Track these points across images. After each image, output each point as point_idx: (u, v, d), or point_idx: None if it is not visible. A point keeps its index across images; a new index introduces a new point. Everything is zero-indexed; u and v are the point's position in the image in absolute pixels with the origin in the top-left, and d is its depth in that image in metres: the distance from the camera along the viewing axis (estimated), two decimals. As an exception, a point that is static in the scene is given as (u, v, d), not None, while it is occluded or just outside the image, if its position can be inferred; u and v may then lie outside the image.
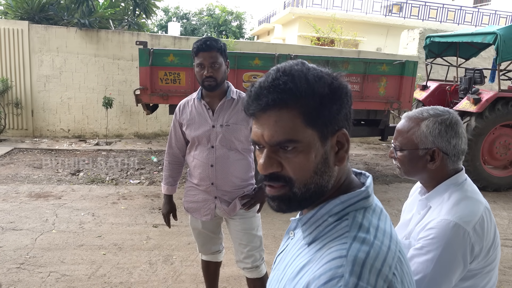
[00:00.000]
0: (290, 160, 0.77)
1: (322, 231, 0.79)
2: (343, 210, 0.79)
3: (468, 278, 1.32)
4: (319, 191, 0.80)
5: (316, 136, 0.76)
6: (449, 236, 1.24)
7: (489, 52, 8.82)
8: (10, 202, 4.76)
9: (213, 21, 25.03)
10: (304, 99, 0.75)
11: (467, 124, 6.10)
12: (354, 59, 6.06)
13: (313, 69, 0.78)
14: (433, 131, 1.35)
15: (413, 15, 19.76)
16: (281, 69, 0.77)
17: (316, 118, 0.76)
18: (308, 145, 0.76)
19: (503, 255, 4.07)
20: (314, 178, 0.78)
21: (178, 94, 5.30)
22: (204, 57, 2.13)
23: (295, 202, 0.80)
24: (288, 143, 0.76)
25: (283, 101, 0.74)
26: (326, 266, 0.70)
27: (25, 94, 8.25)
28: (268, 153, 0.78)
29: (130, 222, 4.38)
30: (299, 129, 0.75)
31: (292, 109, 0.75)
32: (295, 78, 0.75)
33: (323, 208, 0.80)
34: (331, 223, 0.79)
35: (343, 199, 0.80)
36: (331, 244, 0.75)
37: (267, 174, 0.79)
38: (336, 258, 0.70)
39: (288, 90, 0.74)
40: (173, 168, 2.47)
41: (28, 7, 8.34)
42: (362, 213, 0.79)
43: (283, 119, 0.75)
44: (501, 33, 5.74)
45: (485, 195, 5.51)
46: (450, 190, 1.36)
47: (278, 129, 0.75)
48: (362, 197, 0.81)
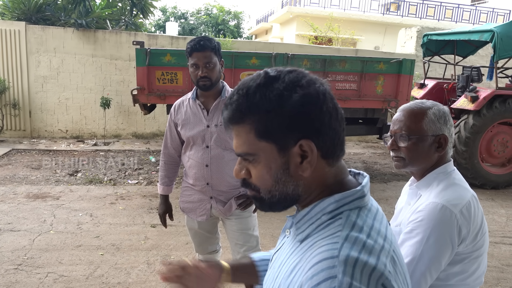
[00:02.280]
0: (253, 170, 0.82)
1: (315, 229, 0.79)
2: (337, 208, 0.79)
3: (457, 263, 1.35)
4: (287, 198, 0.82)
5: (273, 147, 0.78)
6: (437, 218, 1.28)
7: (487, 50, 8.82)
8: (8, 203, 4.75)
9: (211, 20, 25.01)
10: (253, 115, 0.77)
11: (464, 122, 6.11)
12: (351, 57, 6.06)
13: (269, 80, 0.77)
14: (440, 119, 1.40)
15: (410, 14, 19.77)
16: (240, 84, 0.80)
17: (268, 131, 0.77)
18: (265, 157, 0.79)
19: (501, 252, 4.08)
20: (276, 186, 0.81)
21: (175, 94, 5.30)
22: (198, 57, 2.12)
23: (266, 205, 0.84)
24: (246, 156, 0.81)
25: (236, 118, 0.79)
26: (318, 267, 0.70)
27: (23, 95, 8.23)
28: (239, 160, 0.84)
29: (128, 222, 4.38)
30: (253, 142, 0.78)
31: (245, 125, 0.78)
32: (248, 94, 0.77)
33: (317, 206, 0.81)
34: (325, 221, 0.79)
35: (337, 197, 0.80)
36: (321, 242, 0.75)
37: (239, 179, 0.85)
38: (327, 258, 0.70)
39: (239, 107, 0.78)
40: (169, 168, 2.47)
41: (25, 7, 8.32)
42: (357, 213, 0.78)
43: (240, 134, 0.80)
44: (498, 30, 5.74)
45: (483, 192, 5.53)
46: (438, 178, 1.41)
47: (238, 143, 0.81)
48: (357, 196, 0.80)
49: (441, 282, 1.36)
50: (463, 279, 1.37)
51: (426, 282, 1.30)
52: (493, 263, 3.81)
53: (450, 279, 1.36)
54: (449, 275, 1.35)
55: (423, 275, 1.29)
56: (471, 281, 1.39)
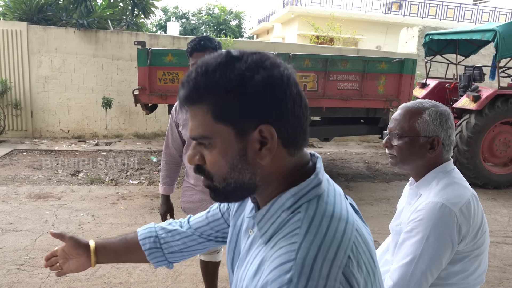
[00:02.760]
0: (207, 155, 0.76)
1: (276, 227, 0.76)
2: (295, 203, 0.75)
3: (457, 261, 1.35)
4: (244, 187, 0.77)
5: (230, 131, 0.73)
6: (437, 216, 1.29)
7: (489, 49, 8.80)
8: (10, 203, 4.76)
9: (212, 20, 25.01)
10: (212, 95, 0.72)
11: (466, 121, 6.09)
12: (353, 57, 6.05)
13: (231, 60, 0.73)
14: (435, 120, 1.40)
15: (412, 13, 19.73)
16: (199, 63, 0.76)
17: (226, 114, 0.72)
18: (221, 141, 0.74)
19: (504, 252, 4.07)
20: (231, 173, 0.75)
21: (176, 94, 5.28)
22: (199, 57, 2.12)
23: (221, 195, 0.79)
24: (201, 139, 0.75)
25: (194, 97, 0.74)
26: (275, 272, 0.68)
27: (24, 95, 8.25)
28: (194, 145, 0.79)
29: (130, 222, 4.38)
30: (210, 124, 0.73)
31: (202, 105, 0.73)
32: (207, 71, 0.73)
33: (276, 203, 0.77)
34: (285, 219, 0.75)
35: (293, 191, 0.76)
36: (281, 243, 0.72)
37: (193, 165, 0.79)
38: (285, 262, 0.68)
39: (197, 85, 0.73)
40: (170, 168, 2.47)
41: (26, 8, 8.33)
42: (315, 203, 0.75)
43: (197, 115, 0.74)
44: (501, 30, 5.72)
45: (485, 192, 5.51)
46: (438, 177, 1.41)
47: (194, 125, 0.75)
48: (313, 185, 0.77)
49: (442, 281, 1.36)
50: (464, 277, 1.37)
51: (427, 281, 1.30)
52: (495, 263, 3.80)
53: (450, 278, 1.36)
54: (449, 274, 1.35)
55: (424, 274, 1.29)
56: (472, 280, 1.39)
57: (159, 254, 1.13)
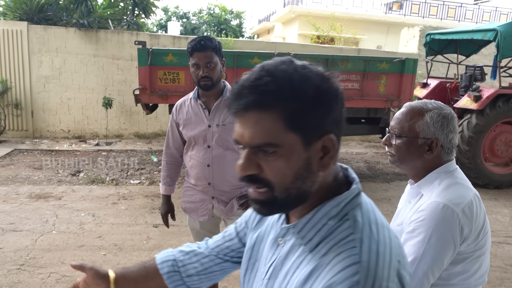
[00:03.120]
0: (270, 164, 0.74)
1: (324, 235, 0.77)
2: (341, 211, 0.78)
3: (459, 262, 1.34)
4: (301, 196, 0.77)
5: (298, 140, 0.73)
6: (439, 217, 1.28)
7: (490, 49, 8.78)
8: (10, 203, 4.76)
9: (213, 20, 25.01)
10: (287, 102, 0.70)
11: (467, 121, 6.08)
12: (353, 57, 6.04)
13: (301, 68, 0.73)
14: (436, 123, 1.39)
15: (413, 13, 19.72)
16: (265, 67, 0.73)
17: (299, 123, 0.72)
18: (289, 149, 0.72)
19: (505, 252, 4.06)
20: (295, 183, 0.75)
21: (177, 93, 5.30)
22: (199, 57, 2.11)
23: (276, 206, 0.77)
24: (267, 147, 0.72)
25: (264, 103, 0.71)
26: (341, 275, 0.70)
27: (25, 95, 8.25)
28: (248, 154, 0.75)
29: (131, 222, 4.38)
30: (280, 132, 0.71)
31: (273, 112, 0.71)
32: (278, 79, 0.71)
33: (320, 212, 0.79)
34: (332, 226, 0.77)
35: (339, 200, 0.78)
36: (338, 249, 0.74)
37: (245, 175, 0.76)
38: (350, 265, 0.70)
39: (269, 92, 0.70)
40: (170, 168, 2.46)
41: (27, 7, 8.33)
42: (359, 211, 0.78)
43: (263, 122, 0.71)
44: (502, 29, 5.71)
45: (486, 192, 5.48)
46: (440, 177, 1.40)
47: (258, 131, 0.72)
48: (355, 194, 0.80)
49: (443, 282, 1.36)
50: (465, 278, 1.36)
51: (428, 281, 1.30)
52: (496, 263, 3.80)
53: (452, 279, 1.35)
54: (451, 274, 1.35)
55: (425, 274, 1.29)
56: (473, 281, 1.38)
57: (177, 277, 1.09)
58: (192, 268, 1.09)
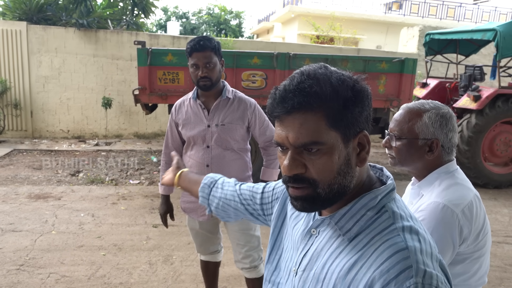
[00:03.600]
0: (314, 162, 0.79)
1: (363, 225, 0.82)
2: (378, 203, 0.83)
3: (458, 263, 1.35)
4: (341, 191, 0.82)
5: (339, 138, 0.79)
6: (439, 217, 1.28)
7: (489, 48, 8.79)
8: (10, 204, 4.75)
9: (212, 20, 25.01)
10: (329, 102, 0.77)
11: (467, 121, 6.08)
12: (353, 57, 6.04)
13: (335, 72, 0.80)
14: (434, 123, 1.39)
15: (413, 12, 19.73)
16: (305, 72, 0.79)
17: (340, 121, 0.78)
18: (331, 147, 0.78)
19: (504, 252, 4.06)
20: (337, 178, 0.80)
21: (177, 93, 5.29)
22: (198, 57, 2.11)
23: (318, 202, 0.82)
24: (312, 145, 0.78)
25: (308, 104, 0.77)
26: (392, 260, 0.74)
27: (24, 95, 8.24)
28: (292, 154, 0.80)
29: (130, 222, 4.38)
30: (323, 131, 0.78)
31: (317, 112, 0.77)
32: (320, 81, 0.77)
33: (358, 203, 0.83)
34: (372, 217, 0.82)
35: (377, 193, 0.83)
36: (382, 238, 0.78)
37: (291, 175, 0.81)
38: (399, 250, 0.75)
39: (313, 94, 0.76)
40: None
41: (26, 7, 8.33)
42: (395, 204, 0.84)
43: (308, 122, 0.77)
44: (501, 29, 5.71)
45: (486, 192, 5.48)
46: (440, 178, 1.40)
47: (303, 132, 0.78)
48: (391, 188, 0.85)
49: None
50: (465, 279, 1.36)
51: None
52: (496, 263, 3.80)
53: (452, 280, 1.35)
54: (450, 275, 1.34)
55: None
56: (473, 281, 1.38)
57: (206, 191, 1.29)
58: (218, 192, 1.27)
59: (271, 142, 2.37)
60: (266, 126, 2.34)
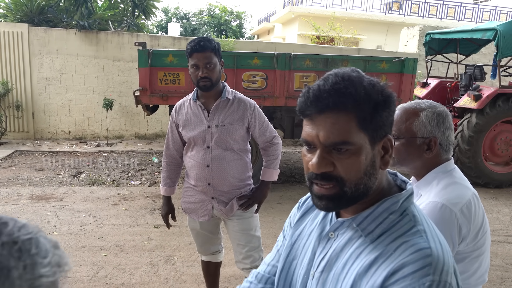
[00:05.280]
0: (343, 161, 0.81)
1: (386, 227, 0.84)
2: (400, 207, 0.86)
3: (458, 262, 1.35)
4: (366, 191, 0.85)
5: (367, 139, 0.82)
6: (437, 217, 1.29)
7: (490, 48, 8.79)
8: (12, 205, 4.77)
9: (213, 21, 25.02)
10: (362, 104, 0.80)
11: (468, 121, 6.09)
12: (353, 57, 6.04)
13: (366, 76, 0.84)
14: (431, 121, 1.40)
15: (413, 12, 19.71)
16: (339, 74, 0.82)
17: (369, 123, 0.81)
18: (360, 147, 0.81)
19: (506, 251, 4.06)
20: (363, 179, 0.83)
21: (177, 94, 5.30)
22: (198, 58, 2.12)
23: (343, 201, 0.84)
24: (342, 145, 0.80)
25: (342, 105, 0.79)
26: (414, 256, 0.77)
27: (26, 97, 8.27)
28: (321, 153, 0.82)
29: (131, 223, 4.39)
30: (354, 132, 0.80)
31: (349, 113, 0.80)
32: (354, 83, 0.80)
33: (380, 207, 0.86)
34: (394, 220, 0.84)
35: (399, 197, 0.86)
36: (405, 238, 0.81)
37: (319, 173, 0.83)
38: (422, 248, 0.77)
39: (348, 94, 0.79)
40: (171, 169, 2.47)
41: (27, 9, 8.35)
42: (414, 208, 0.87)
43: (340, 122, 0.80)
44: (501, 29, 5.71)
45: (487, 191, 5.47)
46: (438, 177, 1.41)
47: (335, 131, 0.80)
48: (410, 193, 0.88)
49: None
50: (465, 278, 1.37)
51: None
52: (497, 262, 3.80)
53: None
54: None
55: None
56: (473, 280, 1.38)
57: None
58: None
59: (270, 143, 2.38)
60: (265, 127, 2.35)
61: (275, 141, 2.38)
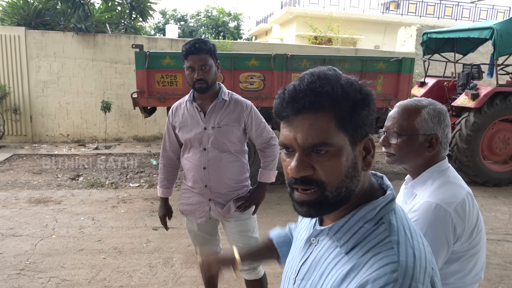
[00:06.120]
0: (323, 164, 0.77)
1: (360, 238, 0.80)
2: (377, 214, 0.81)
3: (453, 261, 1.35)
4: (348, 195, 0.80)
5: (347, 140, 0.78)
6: (432, 217, 1.28)
7: (487, 47, 8.80)
8: (10, 208, 4.76)
9: (211, 22, 25.02)
10: (339, 103, 0.76)
11: (465, 119, 6.09)
12: (351, 57, 6.05)
13: (343, 75, 0.80)
14: (433, 118, 1.39)
15: (410, 12, 19.74)
16: (315, 73, 0.78)
17: (349, 122, 0.77)
18: (340, 149, 0.77)
19: (504, 250, 4.06)
20: (345, 181, 0.78)
21: (175, 96, 5.30)
22: (194, 60, 2.12)
23: (325, 206, 0.80)
24: (321, 146, 0.76)
25: (319, 104, 0.75)
26: (380, 271, 0.72)
27: (23, 100, 8.25)
28: (300, 156, 0.78)
29: (130, 225, 4.38)
30: (333, 132, 0.76)
31: (327, 113, 0.76)
32: (331, 82, 0.76)
33: (356, 215, 0.82)
34: (369, 229, 0.80)
35: (375, 204, 0.82)
36: (376, 250, 0.77)
37: (298, 177, 0.78)
38: (389, 263, 0.73)
39: (325, 93, 0.75)
40: (168, 171, 2.47)
41: (24, 13, 8.35)
42: (394, 216, 0.82)
43: (318, 122, 0.76)
44: (498, 27, 5.72)
45: (485, 190, 5.47)
46: (433, 177, 1.40)
47: (313, 132, 0.76)
48: (390, 199, 0.83)
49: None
50: (461, 277, 1.37)
51: None
52: (496, 261, 3.80)
53: (448, 278, 1.36)
54: (446, 274, 1.35)
55: None
56: (469, 279, 1.39)
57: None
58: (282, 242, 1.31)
59: (268, 144, 2.38)
60: (262, 128, 2.34)
61: (272, 142, 2.38)
